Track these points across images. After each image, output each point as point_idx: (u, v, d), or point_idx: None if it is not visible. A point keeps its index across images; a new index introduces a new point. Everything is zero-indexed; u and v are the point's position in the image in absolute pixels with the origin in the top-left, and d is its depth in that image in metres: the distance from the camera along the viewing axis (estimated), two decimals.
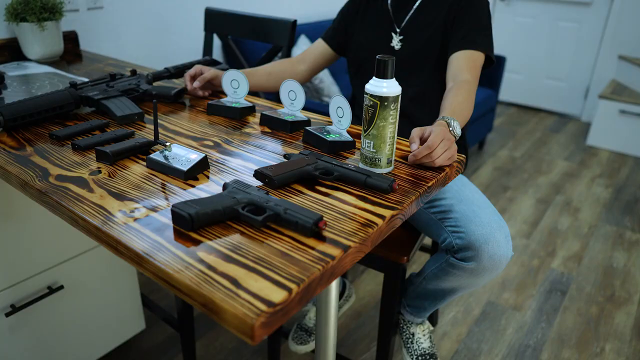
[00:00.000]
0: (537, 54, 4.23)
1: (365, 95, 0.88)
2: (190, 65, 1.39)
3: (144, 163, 0.92)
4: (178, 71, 1.37)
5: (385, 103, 0.86)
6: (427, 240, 2.11)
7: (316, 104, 2.21)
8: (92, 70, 1.56)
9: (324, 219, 0.75)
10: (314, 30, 2.74)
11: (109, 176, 0.87)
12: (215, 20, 1.82)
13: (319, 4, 2.97)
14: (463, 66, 1.22)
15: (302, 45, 2.59)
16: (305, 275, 0.62)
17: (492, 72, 3.20)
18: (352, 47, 1.47)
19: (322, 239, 0.70)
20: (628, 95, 3.47)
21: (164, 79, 1.35)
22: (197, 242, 0.68)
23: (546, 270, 2.15)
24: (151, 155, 0.90)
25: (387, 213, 0.78)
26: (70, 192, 0.80)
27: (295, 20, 1.61)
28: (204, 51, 1.88)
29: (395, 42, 1.38)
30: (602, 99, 3.48)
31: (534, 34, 4.19)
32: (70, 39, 1.76)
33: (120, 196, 0.80)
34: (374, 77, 0.87)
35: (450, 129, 1.01)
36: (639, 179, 3.09)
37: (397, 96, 0.87)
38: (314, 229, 0.70)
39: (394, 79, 0.87)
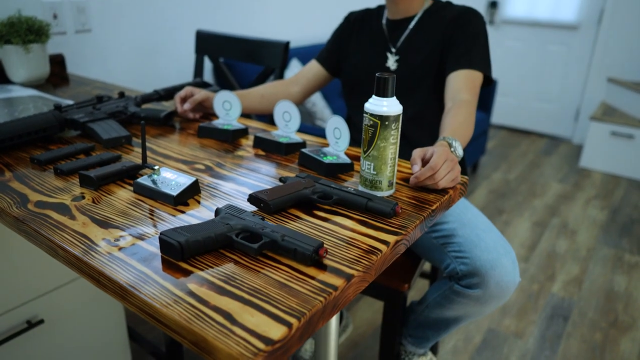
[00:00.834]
0: (527, 77, 4.26)
1: (364, 115, 0.84)
2: (180, 87, 1.34)
3: (131, 188, 0.86)
4: (168, 93, 1.33)
5: (386, 122, 0.82)
6: (426, 266, 2.05)
7: (309, 127, 2.17)
8: (78, 93, 1.52)
9: (325, 245, 0.70)
10: (306, 54, 2.73)
11: (93, 202, 0.81)
12: (206, 43, 1.79)
13: (311, 28, 2.97)
14: (462, 86, 1.19)
15: (294, 69, 2.57)
16: (306, 308, 0.56)
17: (485, 95, 3.21)
18: (347, 68, 1.44)
19: (322, 267, 0.65)
20: (619, 117, 3.49)
21: (153, 101, 1.31)
22: (187, 273, 0.62)
23: (546, 294, 2.10)
24: (138, 180, 0.85)
25: (390, 239, 0.73)
26: (50, 219, 0.75)
27: (288, 42, 1.59)
28: (195, 74, 1.84)
29: (391, 62, 1.35)
30: (593, 120, 3.49)
31: (523, 57, 4.23)
32: (57, 62, 1.71)
33: (104, 223, 0.74)
34: (373, 96, 0.83)
35: (452, 149, 0.97)
36: (634, 201, 3.08)
37: (398, 115, 0.83)
38: (314, 256, 0.65)
39: (395, 97, 0.83)
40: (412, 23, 1.34)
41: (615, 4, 3.69)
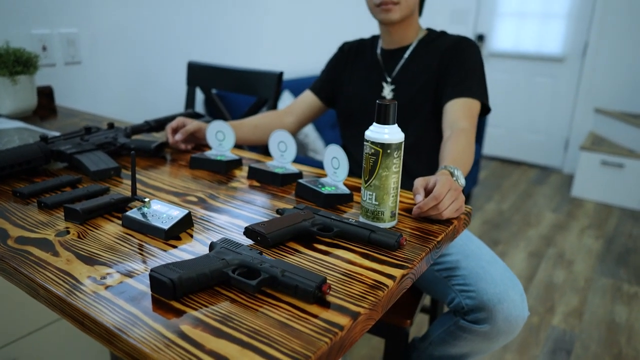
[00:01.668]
0: (515, 109, 4.30)
1: (365, 143, 0.81)
2: (171, 117, 1.31)
3: (120, 222, 0.82)
4: (158, 124, 1.30)
5: (388, 151, 0.79)
6: (426, 299, 1.99)
7: (301, 158, 2.14)
8: (66, 125, 1.48)
9: (328, 281, 0.65)
10: (298, 86, 2.72)
11: (79, 237, 0.76)
12: (198, 74, 1.77)
13: (302, 60, 2.99)
14: (460, 114, 1.17)
15: (286, 101, 2.56)
16: (311, 350, 0.52)
17: (476, 126, 3.21)
18: (342, 98, 1.43)
19: (326, 305, 0.60)
20: (608, 147, 3.51)
21: (144, 132, 1.27)
22: (180, 313, 0.57)
23: (547, 327, 2.04)
24: (127, 213, 0.80)
25: (396, 272, 0.69)
26: (32, 256, 0.69)
27: (282, 73, 1.57)
28: (186, 105, 1.82)
29: (387, 92, 1.33)
30: (583, 150, 3.51)
31: (511, 89, 4.28)
32: (45, 94, 1.68)
33: (90, 260, 0.69)
34: (374, 123, 0.81)
35: (454, 178, 0.94)
36: (628, 230, 3.06)
37: (400, 143, 0.80)
38: (317, 293, 0.60)
39: (396, 124, 0.80)
40: (407, 52, 1.33)
41: (598, 37, 3.77)
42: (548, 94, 4.14)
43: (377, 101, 0.79)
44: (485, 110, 1.27)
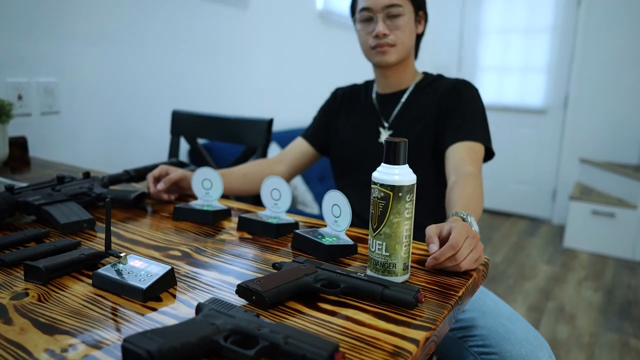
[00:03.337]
0: (501, 160, 4.30)
1: (373, 186, 0.72)
2: (153, 167, 1.21)
3: (90, 281, 0.70)
4: (139, 174, 1.20)
5: (400, 194, 0.70)
6: None
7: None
8: (39, 176, 1.37)
9: (340, 349, 0.54)
10: (286, 138, 2.66)
11: (39, 300, 0.64)
12: (182, 123, 1.70)
13: (291, 110, 2.94)
14: (464, 158, 1.10)
15: (272, 152, 2.48)
16: None
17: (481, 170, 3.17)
18: (336, 145, 1.35)
19: None
20: (597, 196, 3.49)
21: (123, 182, 1.17)
22: None
23: None
24: (99, 270, 0.69)
25: (419, 335, 0.58)
26: None
27: (272, 119, 1.50)
28: (170, 156, 1.73)
29: (384, 137, 1.26)
30: (573, 200, 3.49)
31: (496, 140, 4.26)
32: (19, 144, 1.58)
33: (50, 328, 0.57)
34: (382, 164, 0.72)
35: None
36: (626, 281, 2.98)
37: (413, 185, 0.71)
38: None
39: (407, 165, 0.72)
40: (404, 97, 1.27)
41: (578, 89, 3.84)
42: (533, 145, 4.16)
43: (386, 139, 0.71)
44: (488, 154, 1.20)
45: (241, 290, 0.65)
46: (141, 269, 0.69)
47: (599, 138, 3.85)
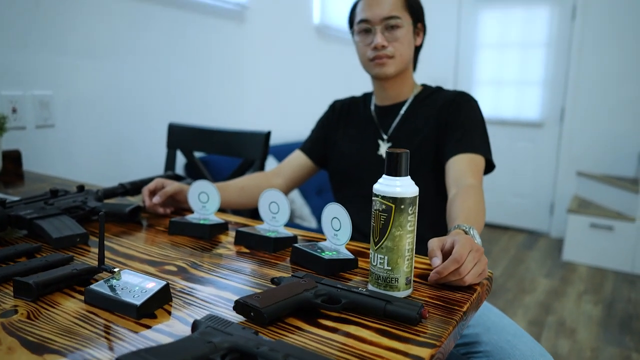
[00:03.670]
0: (499, 173, 4.27)
1: (374, 198, 0.70)
2: (149, 180, 1.19)
3: (82, 297, 0.68)
4: (134, 187, 1.18)
5: (402, 206, 0.68)
6: None
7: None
8: (33, 190, 1.34)
9: None
10: (284, 152, 2.64)
11: (29, 317, 0.62)
12: (179, 136, 1.68)
13: (288, 124, 2.93)
14: (465, 170, 1.09)
15: (269, 166, 2.47)
16: None
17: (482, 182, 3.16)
18: (335, 157, 1.34)
19: None
20: (595, 209, 3.48)
21: (118, 195, 1.15)
22: None
23: None
24: (92, 286, 0.66)
25: (424, 353, 0.56)
26: None
27: (269, 132, 1.49)
28: (166, 169, 1.71)
29: (383, 150, 1.25)
30: (571, 213, 3.47)
31: (494, 154, 4.28)
32: (12, 158, 1.55)
33: (39, 347, 0.55)
34: (384, 176, 0.71)
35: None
36: (626, 294, 2.96)
37: (415, 197, 0.70)
38: None
39: (409, 176, 0.70)
40: (403, 109, 1.26)
41: (574, 102, 3.86)
42: (530, 159, 4.16)
43: (387, 150, 0.70)
44: (489, 167, 1.19)
45: (239, 306, 0.63)
46: (135, 284, 0.67)
47: (596, 151, 3.86)
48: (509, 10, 4.09)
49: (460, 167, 1.10)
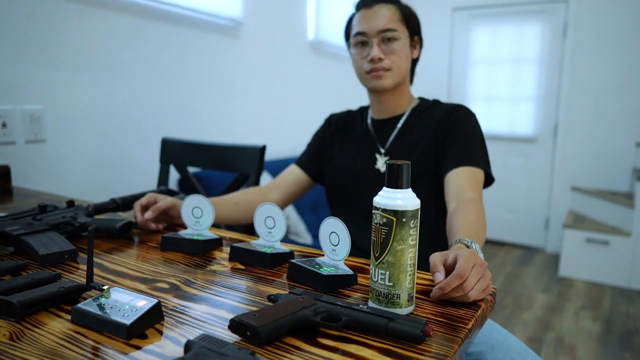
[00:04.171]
0: (494, 189, 4.23)
1: (374, 212, 0.68)
2: (141, 195, 1.16)
3: (69, 317, 0.64)
4: (126, 202, 1.15)
5: (403, 219, 0.66)
6: None
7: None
8: (21, 206, 1.31)
9: None
10: (279, 167, 2.62)
11: (11, 339, 0.58)
12: (172, 151, 1.65)
13: (283, 141, 2.92)
14: (464, 183, 1.07)
15: (263, 181, 2.44)
16: None
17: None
18: (331, 172, 1.32)
19: None
20: (590, 224, 3.47)
21: (109, 211, 1.12)
22: None
23: None
24: (79, 305, 0.63)
25: None
26: None
27: (264, 146, 1.47)
28: (159, 184, 1.68)
29: (381, 164, 1.23)
30: (567, 228, 3.46)
31: None
32: (1, 173, 1.52)
33: None
34: (384, 188, 0.68)
35: None
36: (624, 310, 2.93)
37: (417, 210, 0.67)
38: None
39: (410, 189, 0.68)
40: (401, 122, 1.25)
41: (567, 118, 3.87)
42: (524, 174, 4.16)
43: (388, 162, 0.68)
44: (488, 180, 1.17)
45: (234, 325, 0.59)
46: (125, 302, 0.63)
47: (590, 166, 3.87)
48: (501, 27, 4.13)
49: (460, 181, 1.08)
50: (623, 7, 3.61)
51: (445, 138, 1.18)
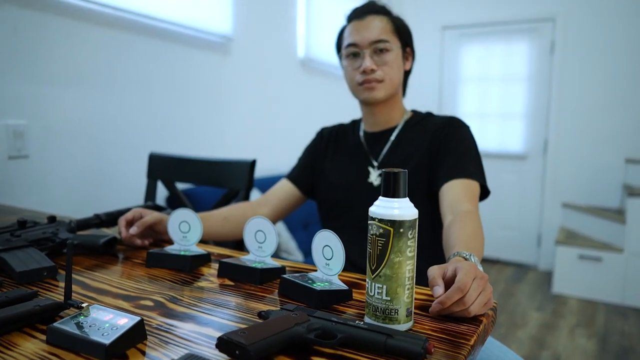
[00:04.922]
0: (485, 205, 4.22)
1: (370, 222, 0.64)
2: (125, 210, 1.12)
3: (44, 337, 0.60)
4: (111, 218, 1.10)
5: (401, 230, 0.63)
6: None
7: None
8: (1, 223, 1.26)
9: None
10: (267, 184, 2.59)
11: None
12: (160, 166, 1.61)
13: (273, 157, 2.89)
14: (460, 196, 1.04)
15: (254, 199, 2.40)
16: None
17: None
18: (323, 186, 1.29)
19: None
20: (582, 240, 3.46)
21: (93, 227, 1.08)
22: None
23: None
24: (55, 324, 0.59)
25: None
26: None
27: (254, 161, 1.44)
28: (146, 200, 1.63)
29: (374, 177, 1.21)
30: (560, 245, 3.45)
31: None
32: None
33: None
34: (380, 198, 0.65)
35: None
36: (619, 327, 2.90)
37: (414, 220, 0.64)
38: None
39: (407, 198, 0.65)
40: (394, 135, 1.23)
41: (556, 134, 3.90)
42: (515, 191, 4.16)
43: (384, 170, 0.65)
44: (484, 193, 1.15)
45: (222, 343, 0.55)
46: (105, 321, 0.59)
47: (580, 182, 3.88)
48: (490, 45, 4.17)
49: (456, 193, 1.05)
50: (609, 25, 3.67)
51: (440, 151, 1.16)
